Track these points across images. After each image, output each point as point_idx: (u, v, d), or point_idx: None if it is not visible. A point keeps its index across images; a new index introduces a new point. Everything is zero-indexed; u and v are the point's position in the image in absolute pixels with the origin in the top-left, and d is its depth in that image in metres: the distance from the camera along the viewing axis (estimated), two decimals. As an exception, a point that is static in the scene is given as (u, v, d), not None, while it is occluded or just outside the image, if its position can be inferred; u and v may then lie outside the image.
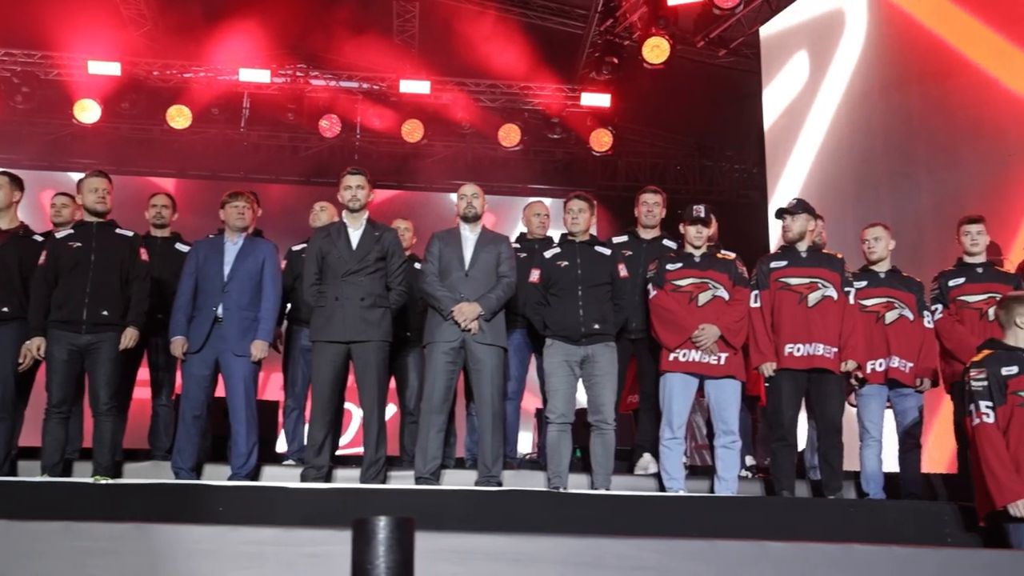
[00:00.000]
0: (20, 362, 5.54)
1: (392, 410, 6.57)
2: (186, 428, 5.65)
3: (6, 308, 5.65)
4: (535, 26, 12.90)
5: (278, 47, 12.69)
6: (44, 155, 12.86)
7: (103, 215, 5.76)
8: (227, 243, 5.86)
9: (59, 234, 5.77)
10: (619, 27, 12.41)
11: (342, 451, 7.51)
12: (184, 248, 6.30)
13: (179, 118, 12.71)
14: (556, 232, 6.30)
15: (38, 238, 5.90)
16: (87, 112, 12.41)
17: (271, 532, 3.58)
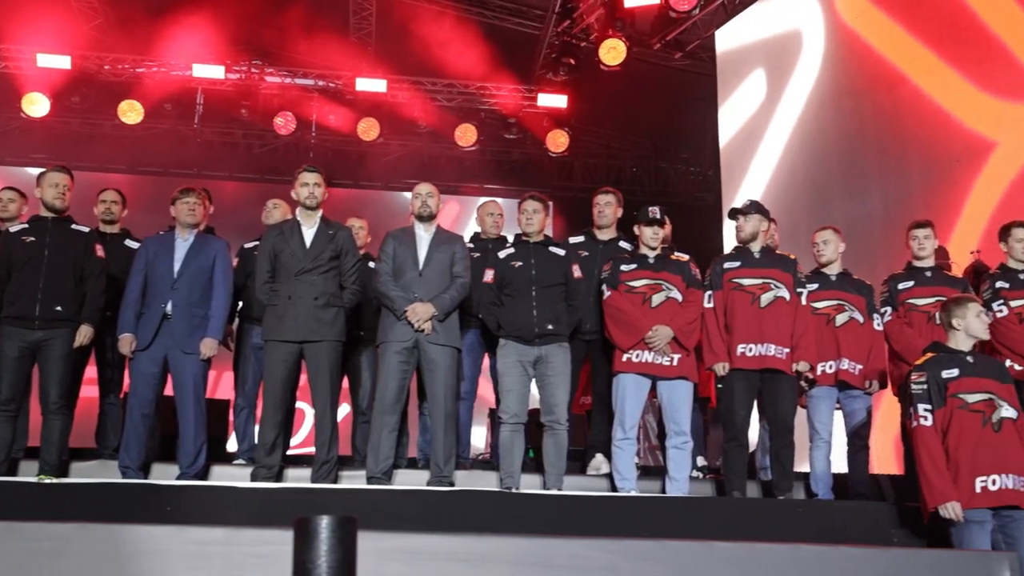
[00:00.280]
0: None
1: (345, 410, 6.53)
2: (134, 426, 5.56)
3: None
4: (493, 26, 12.91)
5: (232, 43, 12.59)
6: (-9, 149, 12.66)
7: (61, 211, 5.69)
8: (177, 239, 5.79)
9: (13, 228, 5.69)
10: (576, 28, 12.45)
11: (294, 451, 7.45)
12: (134, 245, 6.20)
13: (131, 113, 12.57)
14: (511, 232, 6.30)
15: None
16: (36, 106, 12.22)
17: (219, 532, 3.54)
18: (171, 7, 11.77)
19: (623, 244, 6.27)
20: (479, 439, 10.08)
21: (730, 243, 9.80)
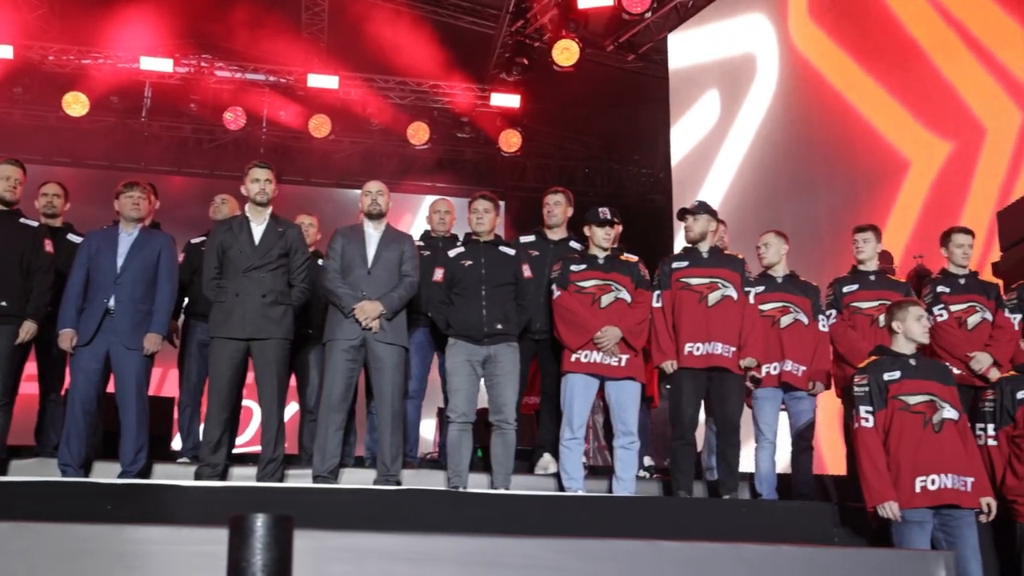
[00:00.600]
0: None
1: (293, 408, 6.47)
2: (75, 423, 5.45)
3: None
4: (447, 24, 12.91)
5: (182, 36, 12.44)
6: (-70, 140, 12.35)
7: (11, 204, 5.59)
8: (121, 234, 5.69)
9: None
10: (530, 28, 12.49)
11: (240, 449, 7.37)
12: (76, 239, 6.09)
13: (75, 105, 12.34)
14: (462, 231, 6.29)
15: None
16: (-24, 97, 11.97)
17: (159, 531, 3.50)
18: (117, -2, 11.60)
19: (573, 244, 6.28)
20: (429, 435, 10.06)
21: (681, 246, 9.93)
